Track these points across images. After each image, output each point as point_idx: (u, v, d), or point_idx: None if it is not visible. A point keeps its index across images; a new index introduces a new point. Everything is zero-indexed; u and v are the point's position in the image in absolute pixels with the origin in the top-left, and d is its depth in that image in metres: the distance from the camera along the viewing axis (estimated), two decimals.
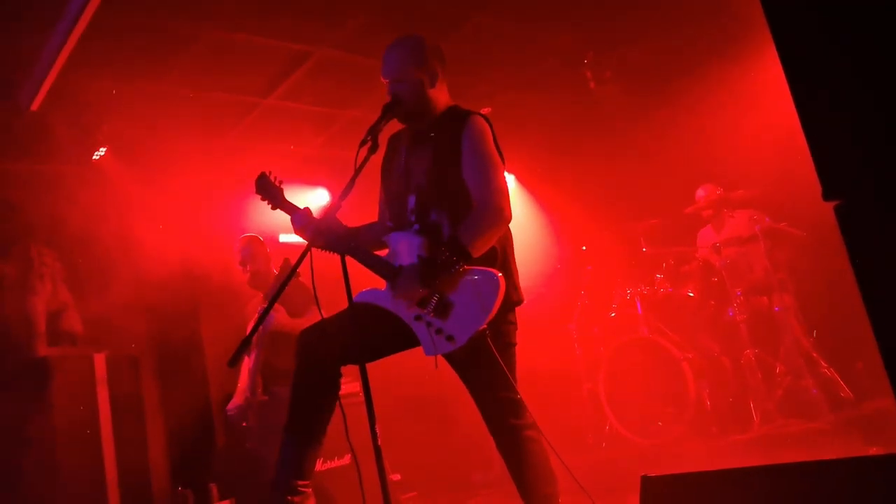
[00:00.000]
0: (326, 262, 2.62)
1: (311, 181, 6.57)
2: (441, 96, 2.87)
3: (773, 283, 5.00)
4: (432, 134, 2.81)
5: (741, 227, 5.32)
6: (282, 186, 2.90)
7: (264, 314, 2.46)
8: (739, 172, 5.47)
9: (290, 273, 2.44)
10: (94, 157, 5.31)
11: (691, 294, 5.21)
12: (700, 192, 5.65)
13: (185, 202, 5.73)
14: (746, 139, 5.49)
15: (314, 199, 6.55)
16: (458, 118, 2.78)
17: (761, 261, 5.08)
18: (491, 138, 2.76)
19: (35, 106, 4.61)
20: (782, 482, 1.77)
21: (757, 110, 5.43)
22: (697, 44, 5.61)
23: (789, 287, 5.08)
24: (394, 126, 2.90)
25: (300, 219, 2.75)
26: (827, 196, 1.25)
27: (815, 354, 4.77)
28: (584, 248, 5.86)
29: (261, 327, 4.15)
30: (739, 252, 5.33)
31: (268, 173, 2.91)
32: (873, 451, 3.72)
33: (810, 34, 1.30)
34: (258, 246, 4.58)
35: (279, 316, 4.19)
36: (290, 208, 2.84)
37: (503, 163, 2.77)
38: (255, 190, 2.91)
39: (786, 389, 4.72)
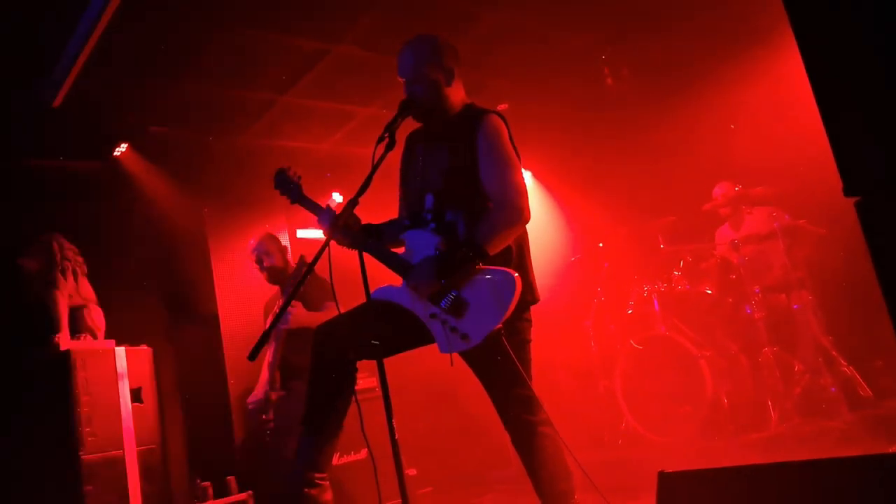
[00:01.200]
0: (344, 258, 2.64)
1: (328, 178, 6.59)
2: (457, 94, 2.87)
3: (792, 281, 4.96)
4: (448, 133, 2.82)
5: (760, 224, 5.29)
6: (300, 182, 2.93)
7: (282, 311, 2.48)
8: (758, 169, 5.43)
9: (308, 271, 2.46)
10: (115, 153, 5.37)
11: (709, 291, 5.19)
12: (717, 190, 5.61)
13: (203, 197, 5.77)
14: (766, 135, 5.45)
15: (331, 195, 6.57)
16: (473, 117, 2.78)
17: (780, 258, 5.04)
18: (506, 136, 2.76)
19: (57, 103, 4.66)
20: (800, 479, 1.76)
21: (776, 106, 5.39)
22: (715, 39, 5.57)
23: (808, 285, 5.04)
24: (411, 123, 2.91)
25: (321, 214, 2.79)
26: (848, 192, 1.24)
27: (834, 353, 4.73)
28: (600, 244, 5.84)
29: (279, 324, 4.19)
30: (758, 249, 5.30)
31: (286, 169, 2.95)
32: (893, 450, 3.68)
33: (831, 28, 1.29)
34: (271, 242, 4.61)
35: (296, 311, 4.22)
36: (308, 203, 2.87)
37: (519, 160, 2.77)
38: (273, 185, 2.95)
39: (804, 388, 4.69)
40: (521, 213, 2.62)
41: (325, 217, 2.78)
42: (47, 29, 4.05)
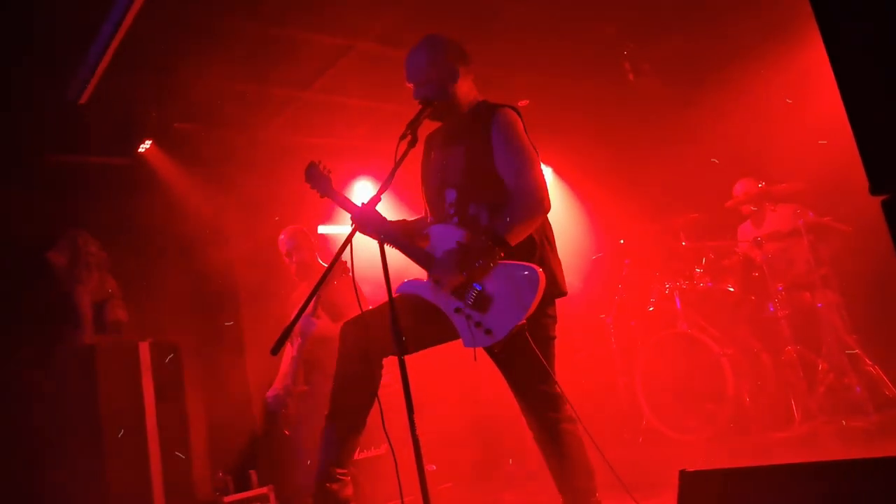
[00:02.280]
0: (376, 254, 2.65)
1: (351, 173, 6.62)
2: (467, 92, 2.91)
3: (816, 279, 4.90)
4: (464, 130, 2.85)
5: (783, 221, 5.23)
6: (330, 176, 2.96)
7: (306, 303, 2.50)
8: (783, 166, 5.37)
9: (333, 261, 2.48)
10: (140, 149, 5.43)
11: (731, 289, 5.14)
12: (738, 187, 5.56)
13: (227, 193, 5.83)
14: (790, 132, 5.38)
15: (354, 191, 6.60)
16: (487, 112, 2.82)
17: (804, 256, 4.98)
18: (521, 129, 2.78)
19: (83, 100, 4.73)
20: (823, 480, 1.74)
21: (801, 102, 5.33)
22: (739, 34, 5.52)
23: (833, 283, 4.97)
24: (430, 125, 2.94)
25: (350, 208, 2.82)
26: (874, 190, 1.23)
27: (858, 351, 4.67)
28: (622, 241, 5.81)
29: (302, 325, 4.20)
30: (781, 247, 5.24)
31: (317, 163, 2.98)
32: None
33: (858, 21, 1.28)
34: (303, 237, 4.61)
35: (321, 323, 4.20)
36: (338, 197, 2.90)
37: (536, 153, 2.78)
38: (304, 179, 2.99)
39: (828, 387, 4.63)
40: (539, 203, 2.63)
41: (358, 213, 2.81)
42: (74, 26, 4.10)
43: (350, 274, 3.24)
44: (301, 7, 4.41)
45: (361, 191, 6.60)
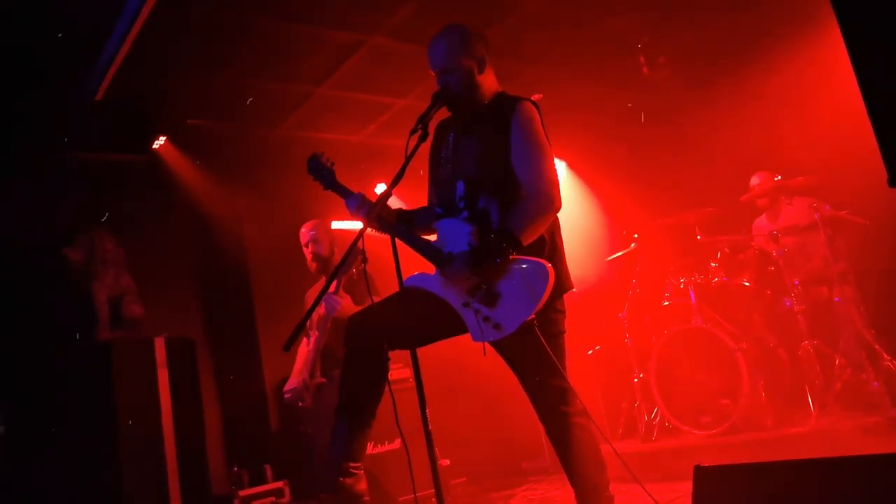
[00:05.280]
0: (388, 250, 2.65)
1: (363, 170, 6.62)
2: (489, 82, 2.87)
3: (833, 273, 4.86)
4: (481, 121, 2.82)
5: (799, 214, 5.18)
6: (333, 167, 2.95)
7: (320, 296, 2.51)
8: (799, 159, 5.32)
9: (346, 255, 2.49)
10: (154, 145, 5.47)
11: (747, 283, 5.10)
12: (754, 180, 5.51)
13: (240, 189, 5.85)
14: (807, 124, 5.34)
15: (375, 187, 6.60)
16: (506, 104, 2.77)
17: (820, 250, 4.94)
18: (540, 125, 2.74)
19: (99, 96, 4.76)
20: (840, 476, 1.73)
21: (818, 94, 5.28)
22: (755, 27, 5.47)
23: (850, 277, 4.93)
24: (442, 114, 2.91)
25: (354, 201, 2.80)
26: (893, 182, 1.21)
27: (877, 346, 4.63)
28: (635, 235, 5.78)
29: (322, 311, 4.21)
30: (797, 241, 5.20)
31: (319, 154, 2.98)
32: None
33: (877, 15, 1.26)
34: (323, 230, 4.61)
35: (345, 302, 4.21)
36: (340, 189, 2.89)
37: (551, 148, 2.76)
38: (307, 170, 2.98)
39: (845, 382, 4.59)
40: (552, 202, 2.61)
41: (354, 202, 2.79)
42: (90, 23, 4.13)
43: (363, 265, 3.25)
44: (313, 3, 4.42)
45: (382, 186, 6.60)
